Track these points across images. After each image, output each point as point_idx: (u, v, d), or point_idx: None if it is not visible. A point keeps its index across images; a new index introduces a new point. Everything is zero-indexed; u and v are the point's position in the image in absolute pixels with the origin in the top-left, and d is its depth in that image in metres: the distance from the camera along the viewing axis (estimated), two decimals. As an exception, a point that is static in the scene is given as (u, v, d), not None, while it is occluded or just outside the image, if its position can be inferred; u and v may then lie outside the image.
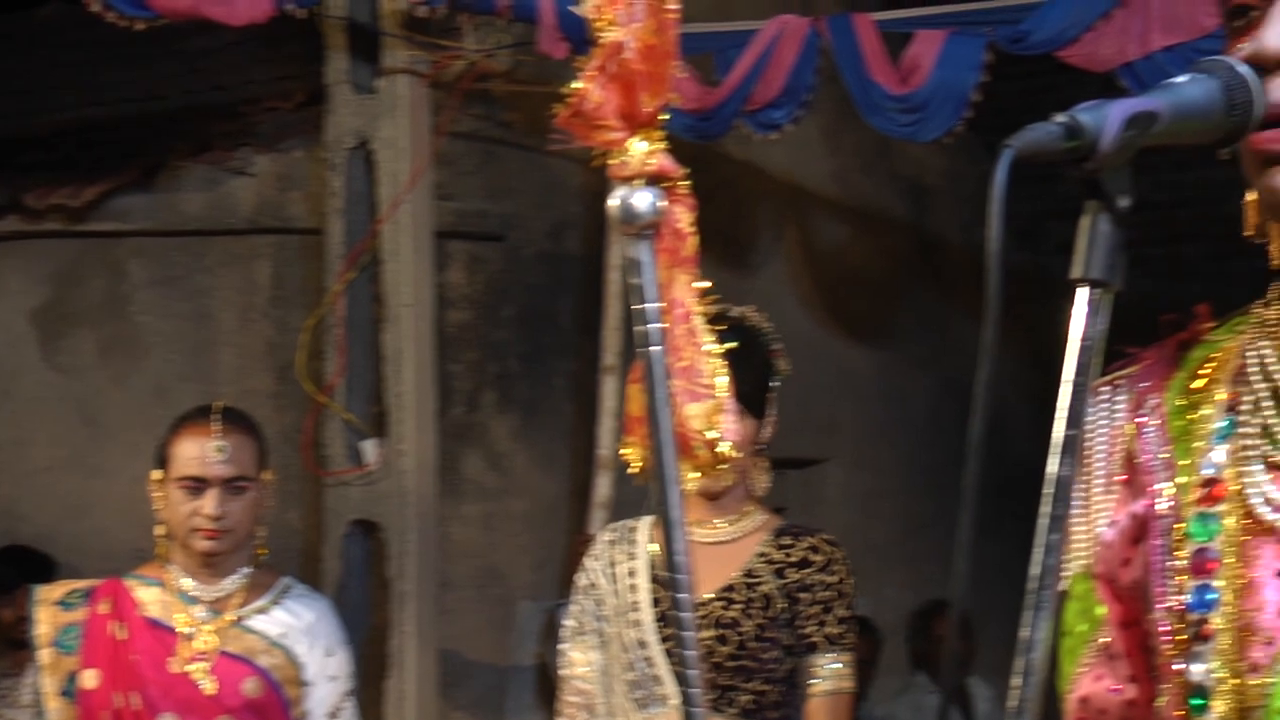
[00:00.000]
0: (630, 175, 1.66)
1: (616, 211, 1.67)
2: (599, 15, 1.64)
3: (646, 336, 1.66)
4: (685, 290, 1.73)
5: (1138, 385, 1.87)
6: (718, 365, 1.76)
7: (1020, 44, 6.29)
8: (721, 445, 1.74)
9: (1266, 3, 1.68)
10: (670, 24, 1.65)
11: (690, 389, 1.72)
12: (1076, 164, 1.53)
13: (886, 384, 8.48)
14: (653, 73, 1.63)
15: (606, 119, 1.64)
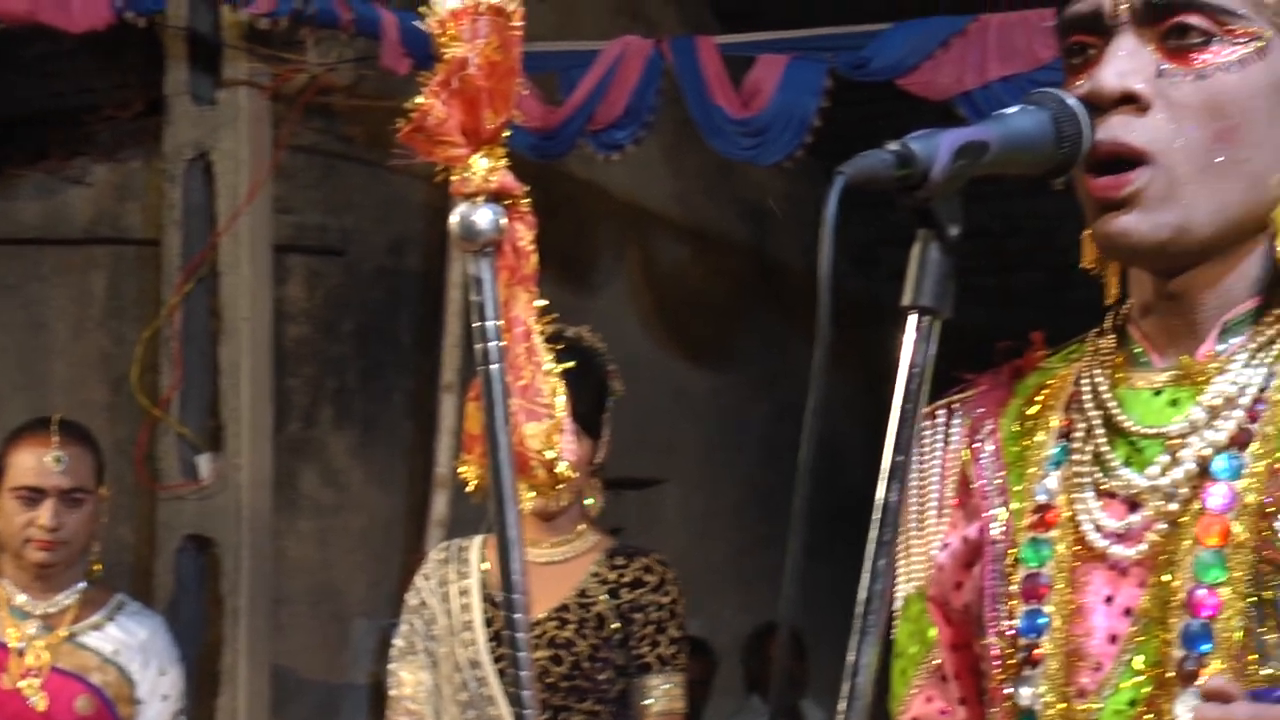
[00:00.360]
0: (472, 192, 1.66)
1: (457, 228, 1.66)
2: (443, 31, 1.63)
3: (486, 354, 1.65)
4: (525, 309, 1.72)
5: (974, 411, 1.89)
6: (557, 385, 1.76)
7: (861, 71, 6.37)
8: (559, 465, 1.74)
9: (1103, 41, 1.70)
10: (514, 41, 1.65)
11: (529, 408, 1.71)
12: (908, 192, 1.53)
13: (725, 406, 8.52)
14: (496, 90, 1.63)
15: (449, 135, 1.63)
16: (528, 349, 1.70)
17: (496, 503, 1.66)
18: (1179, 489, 1.65)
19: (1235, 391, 1.65)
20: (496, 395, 1.64)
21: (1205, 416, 1.66)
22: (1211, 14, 1.65)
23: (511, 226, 1.71)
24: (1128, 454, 1.71)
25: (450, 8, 1.64)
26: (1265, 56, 1.66)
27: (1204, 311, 1.71)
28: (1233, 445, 1.64)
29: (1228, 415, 1.65)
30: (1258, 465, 1.62)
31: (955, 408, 1.90)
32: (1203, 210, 1.65)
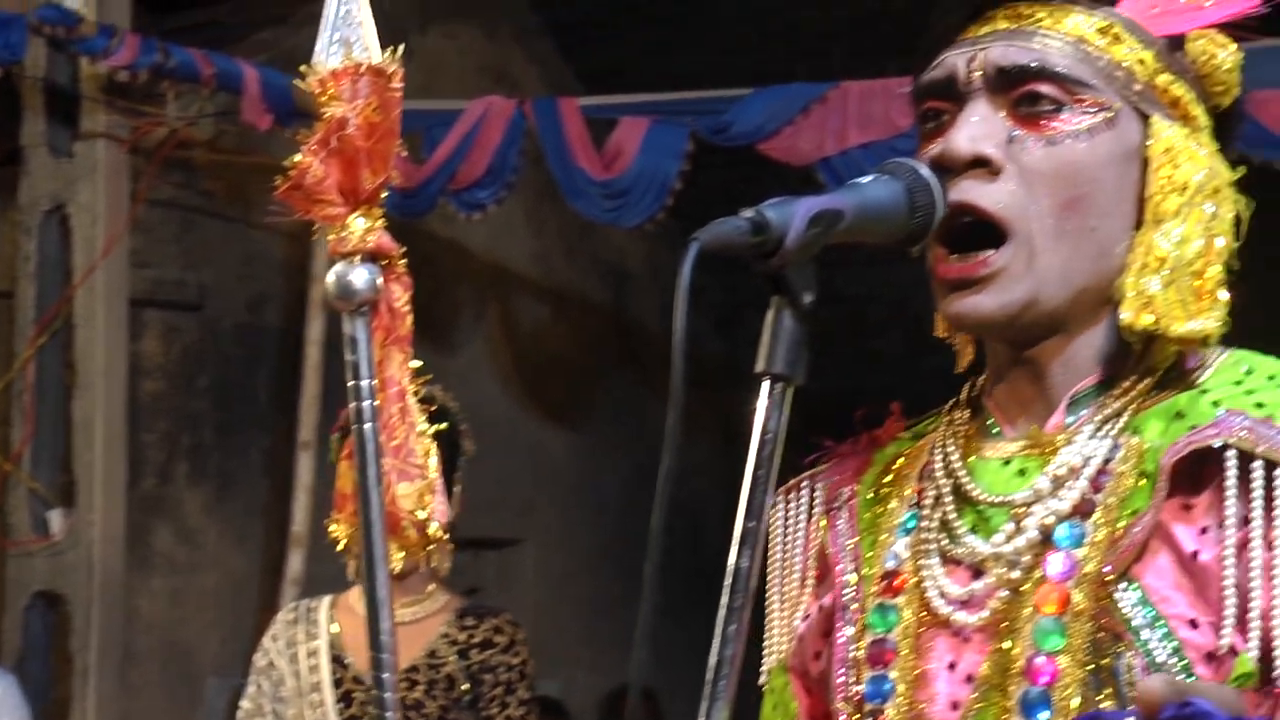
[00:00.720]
0: (349, 251, 1.65)
1: (334, 287, 1.66)
2: (323, 90, 1.63)
3: (359, 413, 1.65)
4: (400, 369, 1.72)
5: (832, 479, 1.90)
6: (429, 445, 1.76)
7: (722, 135, 6.43)
8: (431, 526, 1.74)
9: (957, 107, 1.72)
10: (394, 102, 1.65)
11: (402, 468, 1.71)
12: (762, 259, 1.53)
13: (583, 466, 8.53)
14: (375, 150, 1.63)
15: (327, 194, 1.63)
16: (401, 409, 1.70)
17: (367, 562, 1.65)
18: (1021, 557, 1.66)
19: (1080, 462, 1.67)
20: (369, 455, 1.64)
21: (1050, 486, 1.67)
22: (1063, 83, 1.68)
23: (388, 287, 1.71)
24: (974, 522, 1.72)
25: (331, 68, 1.64)
26: (1114, 127, 1.69)
27: (1054, 381, 1.72)
28: (1075, 514, 1.65)
29: (1071, 485, 1.66)
30: (1099, 534, 1.63)
31: (818, 478, 1.91)
32: (1052, 281, 1.67)
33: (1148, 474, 1.63)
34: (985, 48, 1.71)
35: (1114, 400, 1.69)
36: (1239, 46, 1.75)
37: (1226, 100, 1.76)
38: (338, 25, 1.66)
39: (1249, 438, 1.57)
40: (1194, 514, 1.61)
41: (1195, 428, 1.61)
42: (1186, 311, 1.65)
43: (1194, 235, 1.67)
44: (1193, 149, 1.69)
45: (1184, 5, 1.73)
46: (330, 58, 1.65)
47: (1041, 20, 1.71)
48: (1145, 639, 1.59)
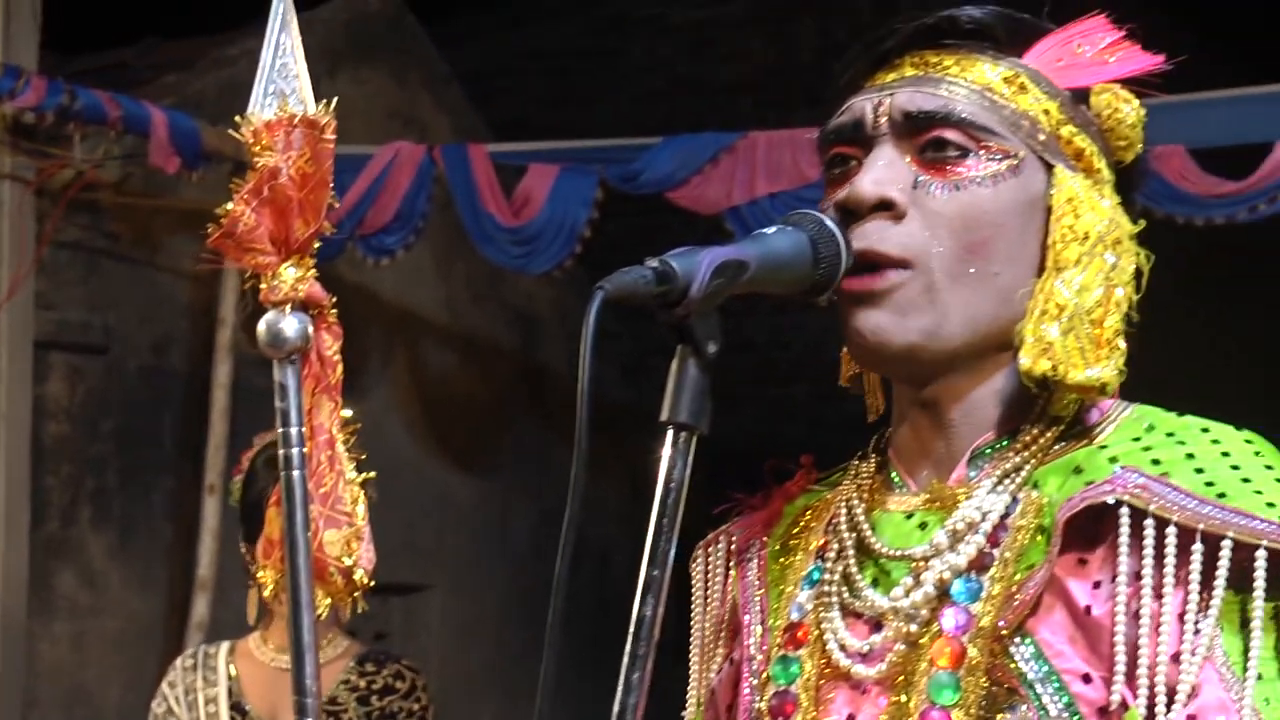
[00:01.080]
0: (280, 300, 1.66)
1: (265, 335, 1.66)
2: (256, 140, 1.64)
3: (288, 460, 1.66)
4: (329, 417, 1.73)
5: (742, 532, 1.91)
6: (358, 493, 1.77)
7: (631, 183, 6.47)
8: (357, 573, 1.75)
9: (863, 153, 1.74)
10: (327, 153, 1.67)
11: (329, 515, 1.72)
12: (667, 309, 1.55)
13: (490, 512, 8.52)
14: (307, 200, 1.64)
15: (258, 243, 1.64)
16: (330, 457, 1.71)
17: (293, 608, 1.66)
18: (919, 610, 1.67)
19: (978, 517, 1.67)
20: (297, 501, 1.65)
21: (948, 540, 1.68)
22: (968, 130, 1.70)
23: (318, 335, 1.72)
24: (875, 575, 1.73)
25: (265, 119, 1.65)
26: (1019, 174, 1.70)
27: (956, 431, 1.74)
28: (972, 569, 1.66)
29: (969, 540, 1.67)
30: (995, 589, 1.64)
31: (733, 531, 1.92)
32: (955, 319, 1.68)
33: (1045, 529, 1.64)
34: (892, 93, 1.74)
35: (1014, 454, 1.71)
36: (1143, 102, 1.78)
37: (1129, 155, 1.79)
38: (273, 78, 1.68)
39: (1142, 495, 1.59)
40: (1088, 569, 1.62)
41: (1091, 483, 1.63)
42: (1085, 360, 1.67)
43: (1094, 284, 1.68)
44: (1095, 200, 1.72)
45: (1089, 60, 1.76)
46: (265, 109, 1.66)
47: (949, 68, 1.74)
48: (1039, 693, 1.61)
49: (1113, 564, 1.59)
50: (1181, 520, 1.57)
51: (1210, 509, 1.57)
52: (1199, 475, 1.61)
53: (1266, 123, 5.39)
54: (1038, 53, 1.76)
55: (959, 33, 1.75)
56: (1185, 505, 1.58)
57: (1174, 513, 1.57)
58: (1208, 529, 1.56)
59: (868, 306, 1.69)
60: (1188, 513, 1.57)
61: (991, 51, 1.75)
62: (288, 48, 1.70)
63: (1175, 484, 1.60)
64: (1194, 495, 1.59)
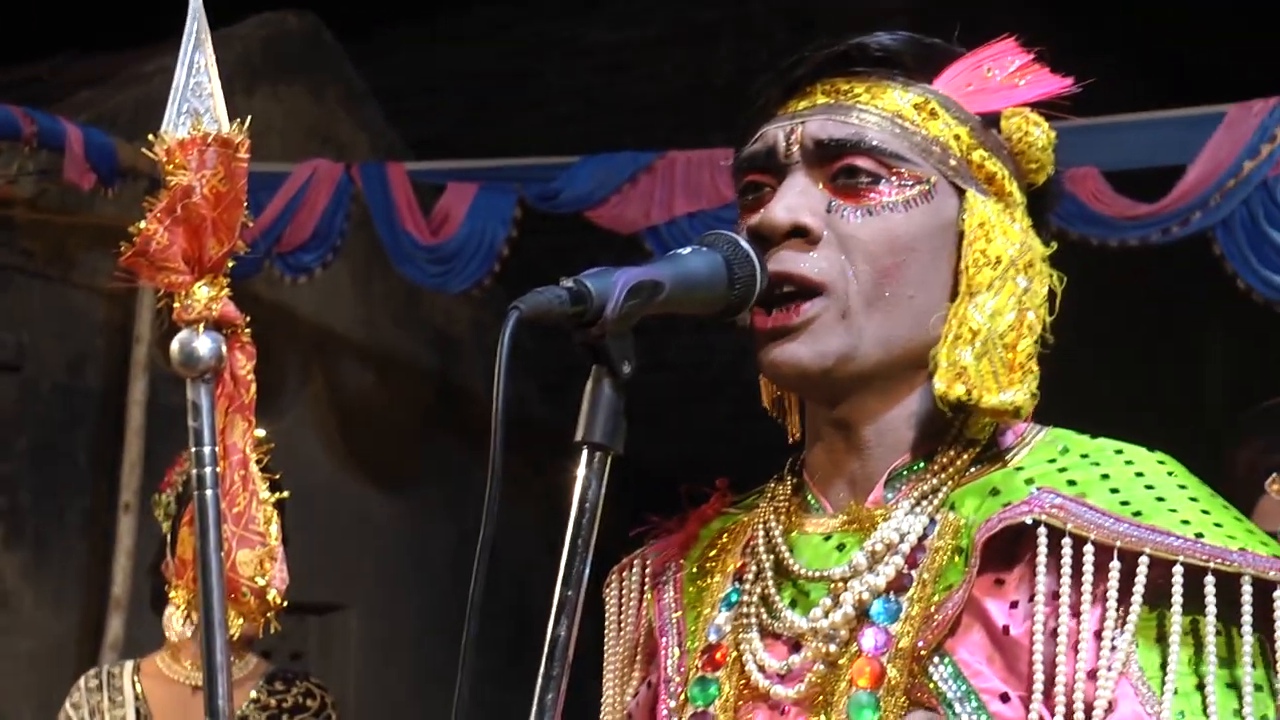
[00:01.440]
0: (193, 319, 1.66)
1: (178, 354, 1.66)
2: (169, 159, 1.64)
3: (201, 480, 1.66)
4: (242, 437, 1.73)
5: (659, 555, 1.91)
6: (271, 513, 1.77)
7: (550, 202, 6.47)
8: (270, 593, 1.74)
9: (777, 180, 1.75)
10: (240, 172, 1.67)
11: (242, 535, 1.72)
12: (582, 329, 1.55)
13: (408, 531, 8.49)
14: (221, 219, 1.64)
15: (172, 261, 1.64)
16: (243, 477, 1.71)
17: (205, 628, 1.65)
18: (838, 631, 1.68)
19: (896, 538, 1.68)
20: (210, 521, 1.64)
21: (867, 561, 1.69)
22: (879, 157, 1.71)
23: (232, 355, 1.72)
24: (793, 596, 1.74)
25: (179, 137, 1.65)
26: (931, 200, 1.72)
27: (871, 453, 1.75)
28: (891, 590, 1.67)
29: (888, 561, 1.68)
30: (913, 609, 1.65)
31: (648, 555, 1.93)
32: (869, 342, 1.70)
33: (963, 549, 1.66)
34: (804, 121, 1.75)
35: (931, 476, 1.72)
36: (1055, 125, 1.79)
37: (1040, 178, 1.80)
38: (187, 96, 1.68)
39: (1059, 515, 1.60)
40: (1005, 589, 1.63)
41: (1008, 505, 1.64)
42: (998, 383, 1.68)
43: (1006, 308, 1.70)
44: (1006, 224, 1.73)
45: (999, 83, 1.77)
46: (179, 128, 1.66)
47: (860, 96, 1.75)
48: (958, 712, 1.61)
49: (1030, 584, 1.61)
50: (1098, 538, 1.58)
51: (1126, 527, 1.59)
52: (1114, 495, 1.63)
53: (1180, 145, 5.44)
54: (948, 78, 1.77)
55: (869, 60, 1.76)
56: (1102, 524, 1.59)
57: (1091, 531, 1.59)
58: (1124, 546, 1.57)
59: (783, 340, 1.70)
60: (1104, 531, 1.59)
61: (902, 78, 1.76)
62: (201, 66, 1.70)
63: (1091, 504, 1.62)
64: (1110, 514, 1.61)
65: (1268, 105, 5.22)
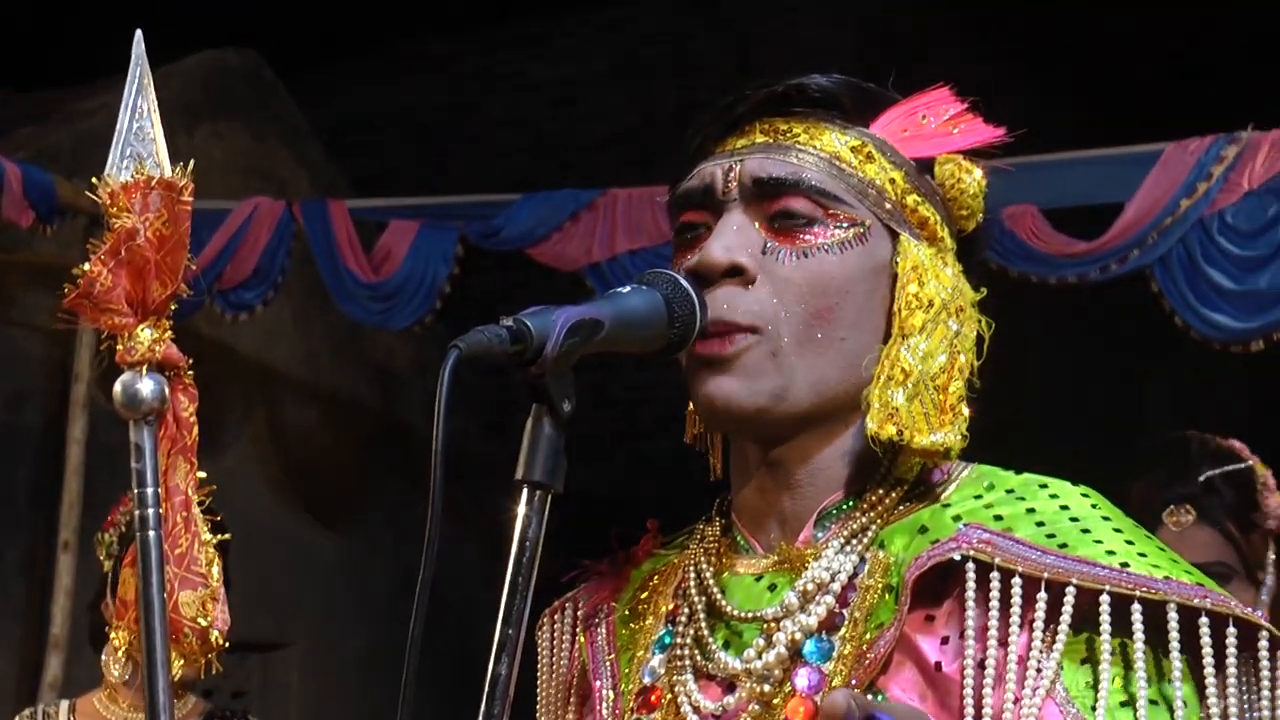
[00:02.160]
0: (136, 361, 1.66)
1: (120, 396, 1.66)
2: (113, 201, 1.64)
3: (143, 521, 1.65)
4: (185, 478, 1.73)
5: (590, 597, 1.91)
6: (213, 554, 1.76)
7: (491, 239, 6.48)
8: (212, 634, 1.74)
9: (714, 218, 1.76)
10: (184, 215, 1.67)
11: (185, 576, 1.71)
12: (522, 368, 1.55)
13: (350, 569, 8.47)
14: (164, 262, 1.64)
15: (115, 303, 1.63)
16: (185, 518, 1.70)
17: (148, 669, 1.65)
18: (772, 671, 1.68)
19: (827, 577, 1.69)
20: (153, 562, 1.64)
21: (798, 601, 1.69)
22: (816, 198, 1.72)
23: (174, 397, 1.71)
24: (727, 637, 1.74)
25: (122, 180, 1.65)
26: (865, 242, 1.73)
27: (802, 493, 1.75)
28: (823, 629, 1.68)
29: (819, 600, 1.68)
30: (846, 648, 1.65)
31: (580, 596, 1.92)
32: (801, 383, 1.70)
33: (893, 587, 1.66)
34: (743, 160, 1.76)
35: (861, 514, 1.73)
36: (995, 162, 1.81)
37: (971, 224, 1.82)
38: (130, 140, 1.68)
39: (987, 550, 1.61)
40: (935, 625, 1.64)
41: (937, 542, 1.65)
42: (929, 424, 1.69)
43: (938, 351, 1.71)
44: (939, 268, 1.75)
45: (933, 130, 1.79)
46: (122, 171, 1.66)
47: (798, 136, 1.76)
48: None
49: (959, 619, 1.62)
50: (1026, 570, 1.59)
51: (1053, 558, 1.60)
52: (1040, 528, 1.64)
53: (1118, 183, 5.48)
54: (884, 122, 1.79)
55: (807, 101, 1.78)
56: (1028, 556, 1.61)
57: (1018, 564, 1.60)
58: (1052, 577, 1.59)
59: (716, 372, 1.71)
60: (1031, 563, 1.60)
61: (840, 120, 1.78)
62: (144, 111, 1.71)
63: (1018, 538, 1.63)
64: (1036, 547, 1.62)
65: (1203, 144, 5.27)
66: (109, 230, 1.61)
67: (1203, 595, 1.58)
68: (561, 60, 10.12)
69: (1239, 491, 3.32)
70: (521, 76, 10.19)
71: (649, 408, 8.61)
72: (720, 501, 1.87)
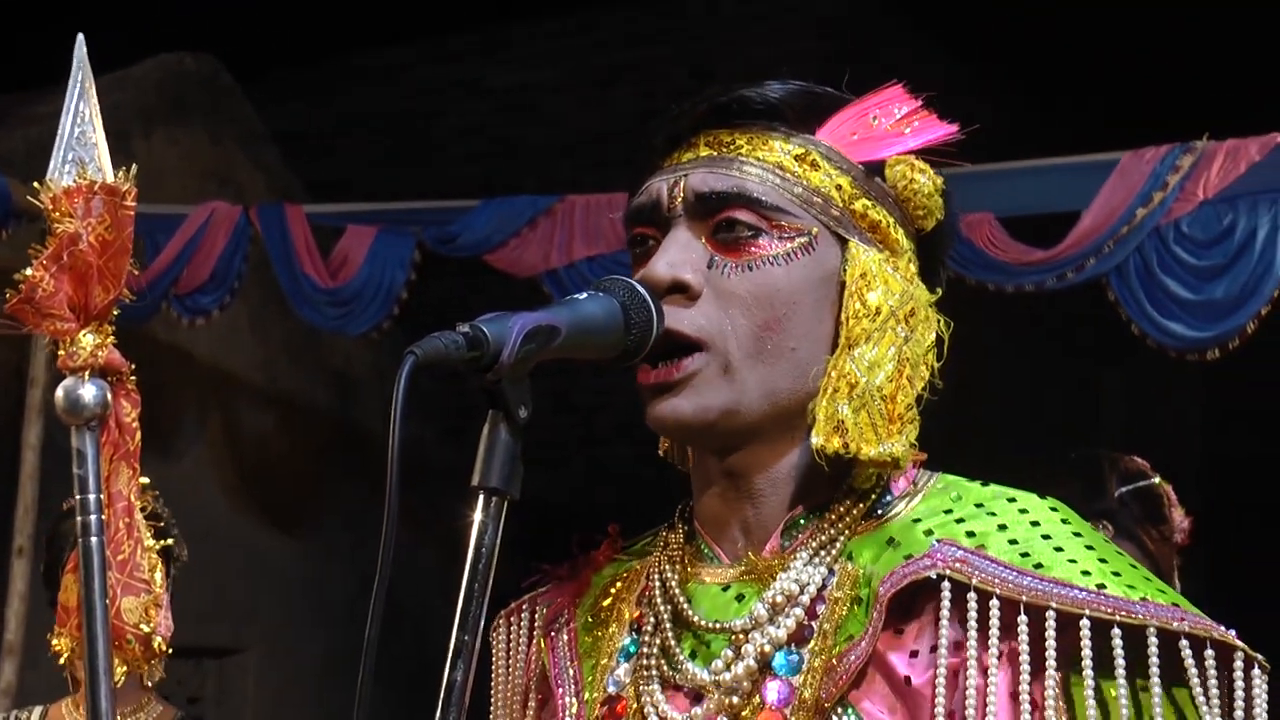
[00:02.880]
0: (78, 367, 1.65)
1: (63, 402, 1.65)
2: (55, 206, 1.63)
3: (86, 527, 1.64)
4: (127, 484, 1.72)
5: (550, 603, 1.91)
6: (156, 560, 1.76)
7: (449, 245, 6.47)
8: (155, 640, 1.73)
9: (661, 233, 1.76)
10: (127, 220, 1.66)
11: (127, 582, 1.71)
12: (478, 373, 1.55)
13: (307, 574, 8.44)
14: (107, 267, 1.64)
15: (57, 309, 1.63)
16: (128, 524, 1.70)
17: (90, 676, 1.64)
18: (741, 683, 1.68)
19: (796, 589, 1.69)
20: (95, 568, 1.63)
21: (767, 613, 1.69)
22: (759, 210, 1.72)
23: (117, 402, 1.71)
24: (694, 647, 1.74)
25: (64, 185, 1.64)
26: (812, 252, 1.73)
27: (765, 502, 1.75)
28: (792, 641, 1.67)
29: (788, 612, 1.68)
30: (815, 661, 1.65)
31: (538, 600, 1.92)
32: (753, 395, 1.70)
33: (862, 599, 1.66)
34: (686, 174, 1.75)
35: (829, 526, 1.72)
36: (951, 171, 1.80)
37: (929, 223, 1.80)
38: (72, 145, 1.67)
39: (963, 569, 1.61)
40: (905, 640, 1.64)
41: (910, 557, 1.65)
42: (877, 435, 1.69)
43: (885, 360, 1.71)
44: (888, 274, 1.74)
45: (883, 133, 1.78)
46: (64, 176, 1.65)
47: (741, 148, 1.76)
48: None
49: (930, 634, 1.62)
50: (1004, 593, 1.60)
51: (1030, 580, 1.60)
52: (1014, 546, 1.64)
53: (1075, 192, 5.49)
54: (832, 127, 1.78)
55: (750, 112, 1.77)
56: (1005, 578, 1.61)
57: (996, 586, 1.60)
58: (1030, 600, 1.59)
59: (667, 395, 1.70)
60: (1009, 585, 1.60)
61: (783, 129, 1.77)
62: (86, 116, 1.70)
63: (992, 556, 1.63)
64: (1012, 567, 1.62)
65: (1159, 153, 5.29)
66: (52, 235, 1.60)
67: (1180, 617, 1.58)
68: (520, 66, 10.11)
69: (1148, 507, 3.42)
70: (479, 82, 10.17)
71: (608, 414, 8.61)
72: (682, 507, 1.86)
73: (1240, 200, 5.17)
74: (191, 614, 4.17)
